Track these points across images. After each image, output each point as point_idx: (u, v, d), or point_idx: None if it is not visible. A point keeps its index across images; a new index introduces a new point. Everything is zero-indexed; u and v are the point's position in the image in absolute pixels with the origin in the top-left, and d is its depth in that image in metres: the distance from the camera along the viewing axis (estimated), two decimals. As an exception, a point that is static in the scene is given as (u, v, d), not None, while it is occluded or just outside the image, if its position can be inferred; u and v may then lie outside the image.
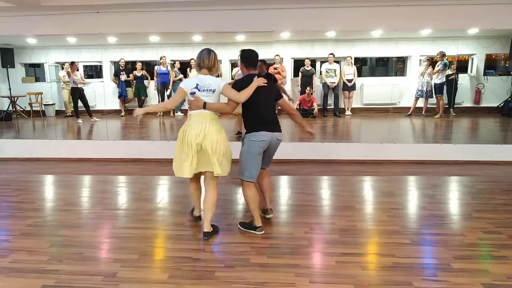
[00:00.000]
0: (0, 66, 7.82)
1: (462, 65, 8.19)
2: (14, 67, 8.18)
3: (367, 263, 2.42)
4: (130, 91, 8.52)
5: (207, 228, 2.71)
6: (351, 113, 8.03)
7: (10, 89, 7.84)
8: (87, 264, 2.39)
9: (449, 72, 7.23)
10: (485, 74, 8.03)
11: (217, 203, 2.74)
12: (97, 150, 5.40)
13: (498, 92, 7.85)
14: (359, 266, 2.36)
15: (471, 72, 8.19)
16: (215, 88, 2.67)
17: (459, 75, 7.59)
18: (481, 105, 8.02)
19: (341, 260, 2.42)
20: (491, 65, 8.34)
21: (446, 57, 7.21)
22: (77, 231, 2.92)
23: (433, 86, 7.40)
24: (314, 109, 7.73)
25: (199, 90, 2.64)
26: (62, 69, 8.28)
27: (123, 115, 8.41)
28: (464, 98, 8.05)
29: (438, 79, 7.33)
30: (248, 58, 2.86)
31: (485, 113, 7.84)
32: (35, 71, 9.36)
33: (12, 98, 8.06)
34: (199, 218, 3.02)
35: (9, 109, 8.09)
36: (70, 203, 3.58)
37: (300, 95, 7.88)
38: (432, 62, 7.44)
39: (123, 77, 8.24)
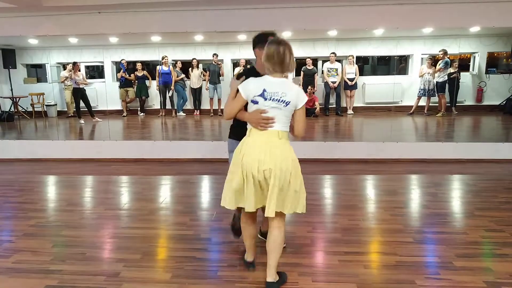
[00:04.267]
0: (2, 67, 7.85)
1: (464, 64, 8.17)
2: (15, 68, 8.21)
3: (370, 262, 2.42)
4: (131, 91, 8.54)
5: (271, 276, 2.05)
6: (353, 112, 8.01)
7: (12, 90, 7.87)
8: (90, 264, 2.40)
9: (451, 70, 7.21)
10: (487, 72, 8.00)
11: (283, 242, 2.10)
12: (99, 150, 5.42)
13: (500, 90, 7.82)
14: (362, 265, 2.36)
15: (473, 70, 8.16)
16: (291, 99, 1.92)
17: (461, 73, 7.57)
18: (483, 103, 7.99)
19: (344, 259, 2.42)
20: (493, 63, 8.31)
21: (448, 55, 7.19)
22: (80, 231, 2.93)
23: (435, 84, 7.39)
24: (316, 108, 7.72)
25: (265, 99, 1.92)
26: (64, 69, 8.30)
27: (125, 115, 8.42)
28: (466, 97, 8.03)
29: (440, 77, 7.32)
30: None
31: (487, 111, 7.81)
32: (37, 72, 9.39)
33: (14, 99, 8.09)
34: (252, 264, 2.27)
35: (11, 110, 8.11)
36: (72, 203, 3.58)
37: (302, 94, 7.87)
38: (434, 60, 7.42)
39: (123, 73, 8.26)
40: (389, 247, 2.59)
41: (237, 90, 2.00)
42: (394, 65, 8.92)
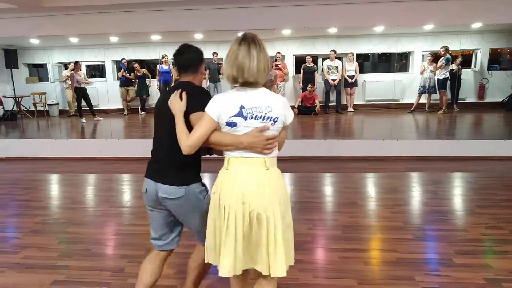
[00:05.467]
0: (4, 67, 7.90)
1: (465, 60, 8.14)
2: (17, 68, 8.25)
3: (370, 259, 2.45)
4: (132, 90, 8.57)
5: None
6: (353, 110, 8.02)
7: (14, 89, 7.91)
8: (96, 260, 2.45)
9: (453, 67, 7.19)
10: (489, 69, 7.98)
11: None
12: (101, 149, 5.46)
13: (503, 87, 7.81)
14: (362, 261, 2.39)
15: (474, 67, 8.14)
16: (279, 115, 1.44)
17: (463, 70, 7.54)
18: (485, 101, 7.97)
19: (344, 256, 2.45)
20: (496, 60, 8.27)
21: (450, 52, 7.17)
22: (85, 228, 2.98)
23: (436, 81, 7.39)
24: (316, 106, 7.74)
25: (245, 119, 1.42)
26: (66, 69, 8.34)
27: (126, 114, 8.46)
28: (468, 94, 8.01)
29: (441, 74, 7.30)
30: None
31: (489, 109, 7.80)
32: (38, 71, 9.43)
33: (17, 98, 8.14)
34: None
35: (13, 109, 8.17)
36: (76, 201, 3.63)
37: (302, 92, 7.89)
38: (435, 57, 7.41)
39: (123, 72, 8.30)
40: (389, 244, 2.63)
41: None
42: (395, 62, 8.91)
